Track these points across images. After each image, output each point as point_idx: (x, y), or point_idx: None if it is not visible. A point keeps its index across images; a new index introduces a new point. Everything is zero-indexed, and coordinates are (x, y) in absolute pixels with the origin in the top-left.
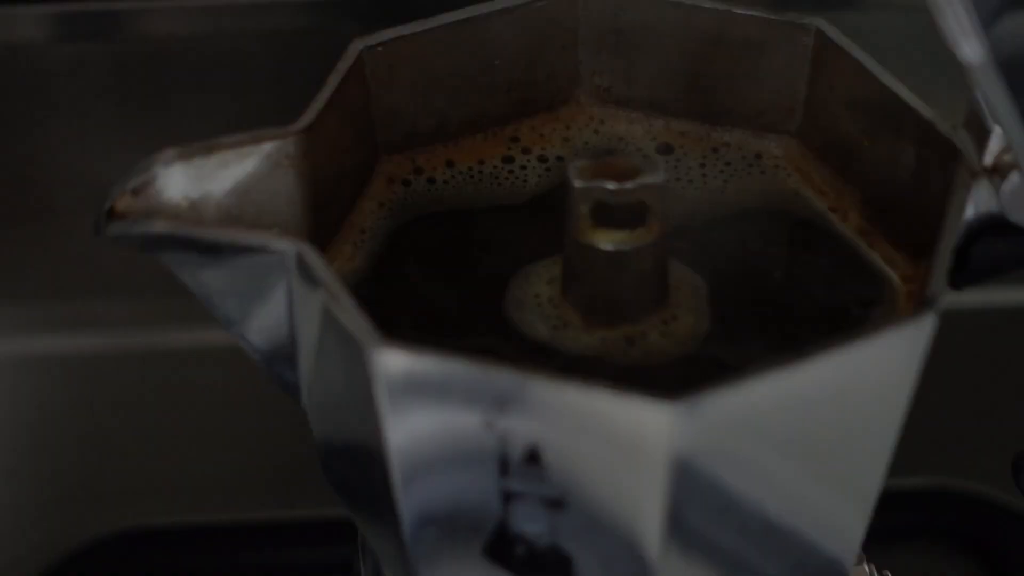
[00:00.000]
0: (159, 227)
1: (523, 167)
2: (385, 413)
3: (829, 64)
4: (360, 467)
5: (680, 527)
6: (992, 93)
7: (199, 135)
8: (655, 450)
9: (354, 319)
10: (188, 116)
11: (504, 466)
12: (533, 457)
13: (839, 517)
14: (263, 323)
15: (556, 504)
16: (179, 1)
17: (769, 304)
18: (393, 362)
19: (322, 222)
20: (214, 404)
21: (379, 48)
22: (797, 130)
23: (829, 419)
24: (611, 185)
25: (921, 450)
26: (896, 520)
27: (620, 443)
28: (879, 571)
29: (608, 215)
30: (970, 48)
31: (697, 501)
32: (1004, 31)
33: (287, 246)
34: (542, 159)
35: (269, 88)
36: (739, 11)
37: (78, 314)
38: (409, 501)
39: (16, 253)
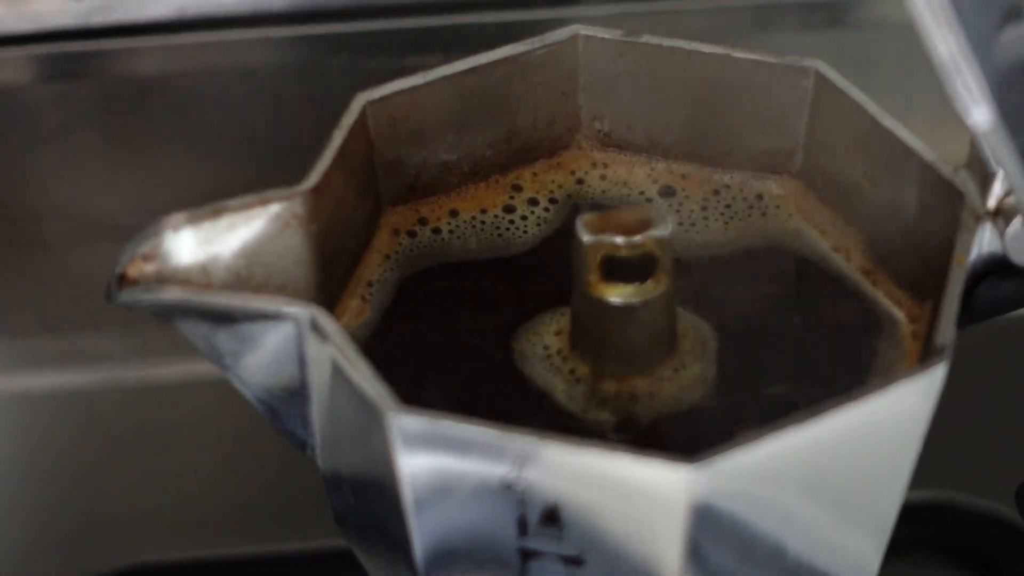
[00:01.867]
0: (172, 294)
1: (524, 217)
2: (404, 477)
3: (828, 105)
4: (377, 524)
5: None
6: (1002, 153)
7: (186, 170)
8: (673, 508)
9: (371, 385)
10: (175, 152)
11: (523, 526)
12: (552, 517)
13: (855, 555)
14: (275, 384)
15: (574, 561)
16: (165, 39)
17: (776, 347)
18: (412, 427)
19: (330, 278)
20: (212, 436)
21: (381, 102)
22: (798, 171)
23: (844, 467)
24: (619, 239)
25: (920, 464)
26: (895, 534)
27: (639, 502)
28: None
29: (616, 267)
30: (980, 115)
31: (714, 553)
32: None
33: (300, 311)
34: (545, 206)
35: (254, 124)
36: (738, 54)
37: (70, 349)
38: (427, 558)
39: (5, 289)
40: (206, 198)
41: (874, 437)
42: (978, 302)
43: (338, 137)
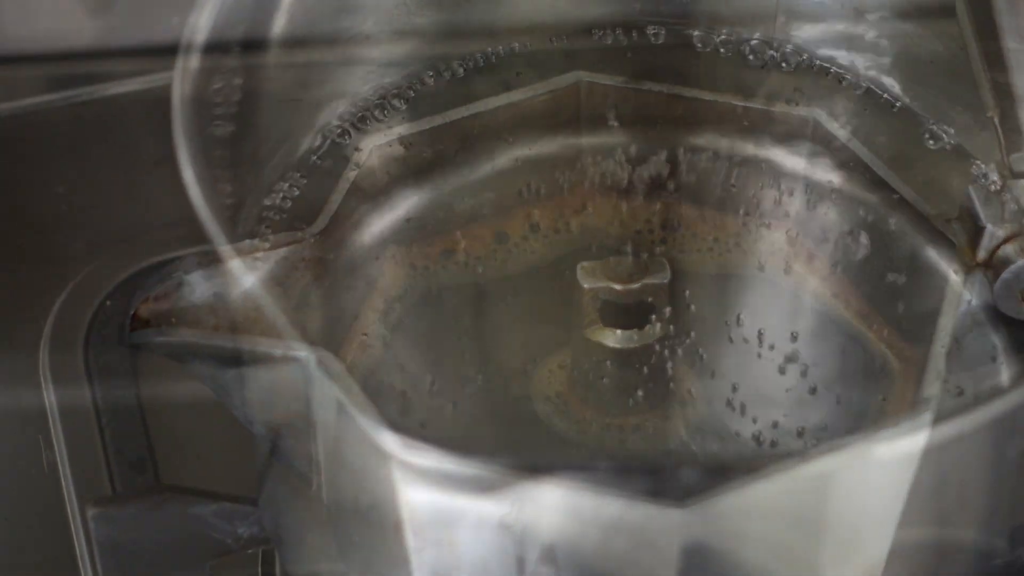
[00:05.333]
0: (183, 335)
1: (525, 253)
2: (405, 515)
3: (826, 154)
4: (379, 561)
5: None
6: None
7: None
8: (666, 549)
9: (375, 425)
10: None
11: (520, 565)
12: (548, 557)
13: None
14: (281, 422)
15: None
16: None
17: (776, 387)
18: (416, 467)
19: (336, 317)
20: None
21: (388, 145)
22: (795, 220)
23: (832, 510)
24: (617, 285)
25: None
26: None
27: (633, 543)
28: None
29: (615, 312)
30: None
31: None
32: None
33: (307, 353)
34: (547, 243)
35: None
36: (740, 103)
37: None
38: None
39: None
40: None
41: (862, 481)
42: (969, 351)
43: (347, 180)
